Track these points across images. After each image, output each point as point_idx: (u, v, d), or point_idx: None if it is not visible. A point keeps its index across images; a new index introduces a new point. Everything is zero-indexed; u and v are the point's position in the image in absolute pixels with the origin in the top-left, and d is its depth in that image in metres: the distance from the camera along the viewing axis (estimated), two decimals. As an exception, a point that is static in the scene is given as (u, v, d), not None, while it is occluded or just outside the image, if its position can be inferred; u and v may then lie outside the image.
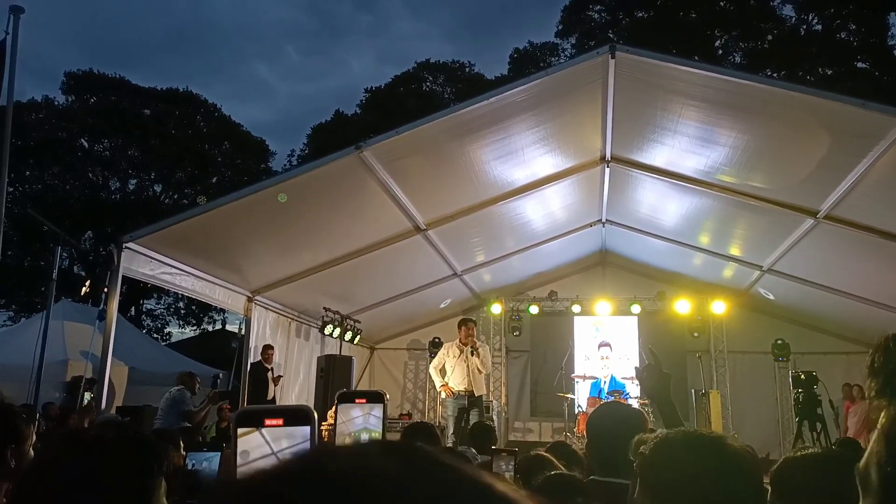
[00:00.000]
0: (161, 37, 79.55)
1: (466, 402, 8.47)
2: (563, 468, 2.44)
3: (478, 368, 8.51)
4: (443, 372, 8.81)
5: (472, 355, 8.48)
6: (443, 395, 8.93)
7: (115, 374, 8.83)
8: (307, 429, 0.88)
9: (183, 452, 2.34)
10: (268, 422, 0.88)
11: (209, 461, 2.10)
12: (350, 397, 1.66)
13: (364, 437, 1.61)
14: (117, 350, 6.67)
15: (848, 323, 9.44)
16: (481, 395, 8.68)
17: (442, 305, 11.49)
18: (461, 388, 8.45)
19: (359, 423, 1.63)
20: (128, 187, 27.73)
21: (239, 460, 0.86)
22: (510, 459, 2.51)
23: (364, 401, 1.67)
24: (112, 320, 5.98)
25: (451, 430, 8.21)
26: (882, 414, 0.79)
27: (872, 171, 5.83)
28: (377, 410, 1.66)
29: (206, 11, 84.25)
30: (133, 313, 25.76)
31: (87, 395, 6.28)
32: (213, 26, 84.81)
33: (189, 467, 2.08)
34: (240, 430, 0.88)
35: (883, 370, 0.84)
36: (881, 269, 7.63)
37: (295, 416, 0.90)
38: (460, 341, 8.62)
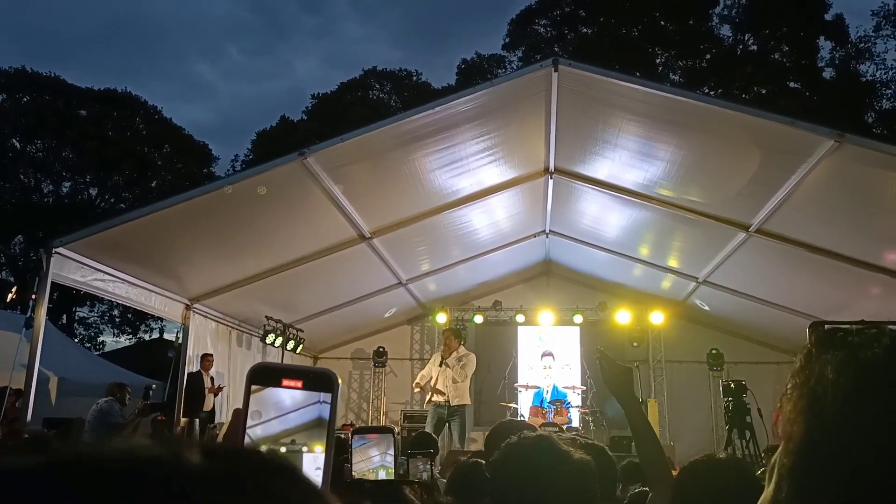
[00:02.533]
0: (96, 30, 76.67)
1: (446, 413, 8.52)
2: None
3: (453, 378, 8.59)
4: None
5: (447, 365, 8.60)
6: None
7: (43, 384, 8.49)
8: (328, 395, 0.80)
9: None
10: (285, 382, 0.80)
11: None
12: (363, 431, 1.70)
13: (381, 473, 1.59)
14: (46, 360, 6.41)
15: (778, 333, 9.80)
16: (461, 405, 8.69)
17: (386, 315, 11.43)
18: (440, 398, 8.55)
19: (376, 461, 1.63)
20: (61, 190, 26.74)
21: (250, 420, 0.80)
22: (427, 461, 2.69)
23: (376, 436, 1.68)
24: (40, 328, 5.75)
25: None
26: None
27: (801, 188, 6.08)
28: (391, 449, 1.70)
29: (144, 5, 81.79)
30: (65, 321, 24.79)
31: None
32: (151, 21, 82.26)
33: None
34: (253, 388, 0.80)
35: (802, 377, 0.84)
36: (809, 282, 7.96)
37: (316, 379, 0.81)
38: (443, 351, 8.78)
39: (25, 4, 69.81)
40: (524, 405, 10.45)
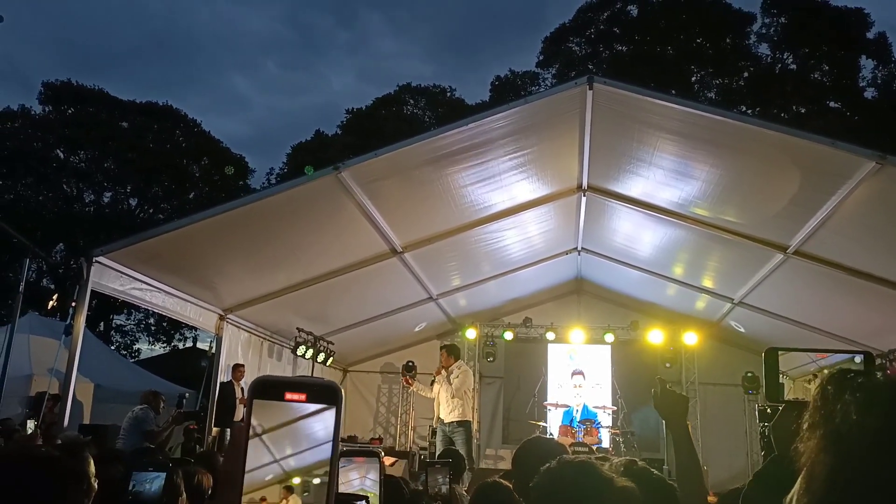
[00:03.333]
0: (138, 45, 78.89)
1: (448, 429, 8.44)
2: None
3: (445, 396, 8.52)
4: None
5: (438, 382, 8.54)
6: None
7: (80, 391, 8.66)
8: (332, 408, 0.79)
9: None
10: (288, 395, 0.79)
11: (151, 482, 2.00)
12: (349, 454, 1.63)
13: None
14: (83, 366, 6.53)
15: (816, 357, 9.55)
16: (461, 422, 8.51)
17: (416, 329, 11.45)
18: (441, 415, 8.51)
19: (355, 484, 1.60)
20: (102, 200, 27.40)
21: (252, 435, 0.78)
22: (447, 473, 2.74)
23: (362, 459, 1.64)
24: (78, 335, 5.86)
25: None
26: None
27: (841, 209, 5.95)
28: (373, 473, 1.64)
29: (184, 21, 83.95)
30: (102, 329, 25.30)
31: (31, 423, 6.07)
32: (190, 36, 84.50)
33: (131, 488, 1.97)
34: (255, 402, 0.79)
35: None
36: (849, 306, 7.76)
37: (320, 392, 0.79)
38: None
39: (71, 20, 72.20)
40: (553, 424, 10.36)
